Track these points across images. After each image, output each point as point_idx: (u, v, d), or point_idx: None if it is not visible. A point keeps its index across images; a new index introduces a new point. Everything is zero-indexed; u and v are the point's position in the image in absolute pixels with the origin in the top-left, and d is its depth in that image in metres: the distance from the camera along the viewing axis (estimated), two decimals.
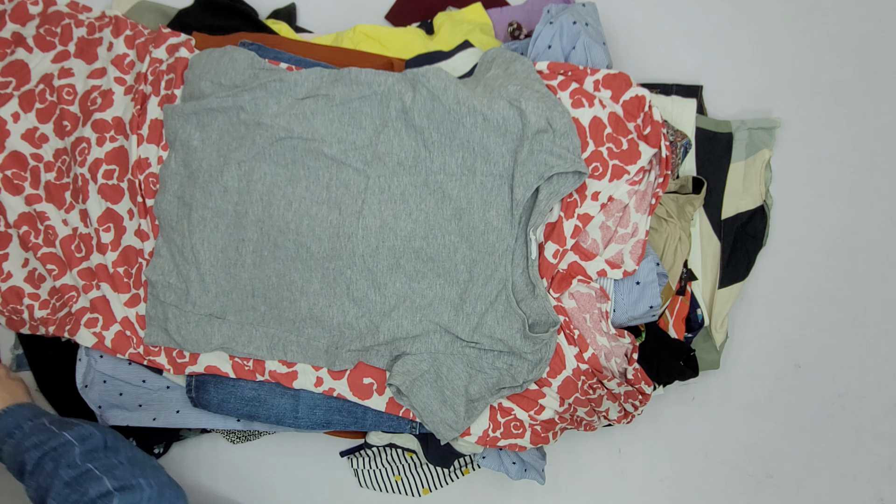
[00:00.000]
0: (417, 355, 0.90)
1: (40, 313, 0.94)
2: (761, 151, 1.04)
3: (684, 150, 1.01)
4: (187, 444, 1.07)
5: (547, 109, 0.86)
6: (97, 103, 0.95)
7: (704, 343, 1.03)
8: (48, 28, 0.98)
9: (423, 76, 0.88)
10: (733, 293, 1.03)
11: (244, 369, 0.92)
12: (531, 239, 0.88)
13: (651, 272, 0.89)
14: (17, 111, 0.95)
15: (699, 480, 1.08)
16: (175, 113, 0.93)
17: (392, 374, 0.89)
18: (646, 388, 0.90)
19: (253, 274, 0.91)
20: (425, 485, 1.05)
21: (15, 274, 0.95)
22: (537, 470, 0.96)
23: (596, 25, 0.98)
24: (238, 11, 1.06)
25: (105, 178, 0.93)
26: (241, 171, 0.91)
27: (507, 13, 1.09)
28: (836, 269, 1.09)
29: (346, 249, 0.89)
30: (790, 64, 1.11)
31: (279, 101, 0.91)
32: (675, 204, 0.96)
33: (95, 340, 0.92)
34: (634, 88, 0.90)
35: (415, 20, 1.10)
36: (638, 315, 0.90)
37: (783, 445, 1.08)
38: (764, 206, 1.04)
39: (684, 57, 1.11)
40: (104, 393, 0.95)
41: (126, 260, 0.93)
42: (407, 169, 0.90)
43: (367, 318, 0.90)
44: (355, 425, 0.94)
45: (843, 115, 1.10)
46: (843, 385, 1.08)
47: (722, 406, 1.09)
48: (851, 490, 1.08)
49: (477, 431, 0.91)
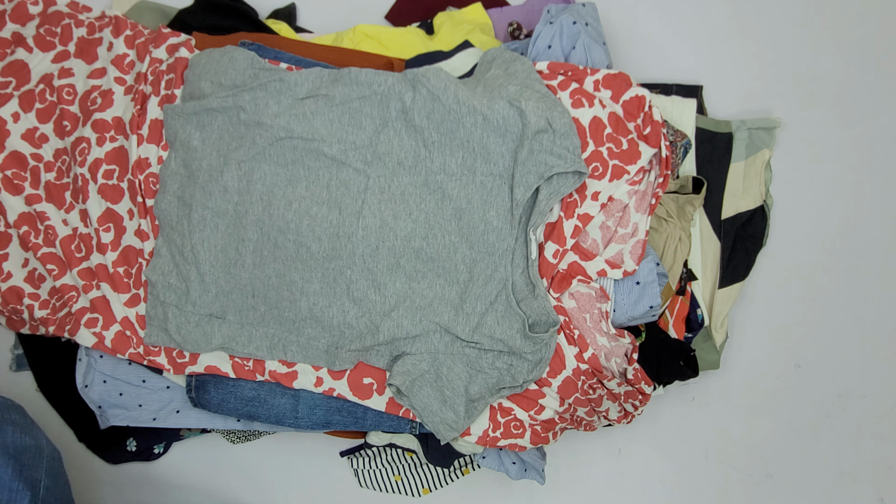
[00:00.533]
0: (417, 355, 0.90)
1: (40, 313, 0.94)
2: (761, 151, 1.04)
3: (684, 150, 1.01)
4: (187, 444, 1.07)
5: (547, 109, 0.86)
6: (97, 103, 0.95)
7: (704, 343, 1.03)
8: (48, 28, 0.98)
9: (423, 76, 0.88)
10: (733, 293, 1.03)
11: (244, 369, 0.92)
12: (531, 239, 0.88)
13: (651, 272, 0.89)
14: (17, 111, 0.95)
15: (699, 480, 1.09)
16: (175, 113, 0.93)
17: (392, 374, 0.89)
18: (646, 388, 0.90)
19: (253, 274, 0.91)
20: (425, 485, 1.05)
21: (15, 274, 0.95)
22: (537, 470, 0.96)
23: (596, 25, 0.98)
24: (238, 11, 1.06)
25: (105, 178, 0.93)
26: (241, 171, 0.91)
27: (507, 13, 1.09)
28: (836, 269, 1.09)
29: (346, 249, 0.89)
30: (790, 64, 1.11)
31: (279, 101, 0.92)
32: (675, 204, 0.96)
33: (95, 340, 0.92)
34: (634, 88, 0.90)
35: (415, 20, 1.10)
36: (638, 315, 0.90)
37: (783, 445, 1.08)
38: (764, 206, 1.04)
39: (684, 57, 1.11)
40: (104, 393, 0.95)
41: (126, 260, 0.93)
42: (407, 169, 0.90)
43: (367, 318, 0.90)
44: (355, 425, 0.94)
45: (843, 115, 1.10)
46: (843, 385, 1.08)
47: (722, 406, 1.09)
48: (851, 490, 1.08)
49: (477, 431, 0.91)
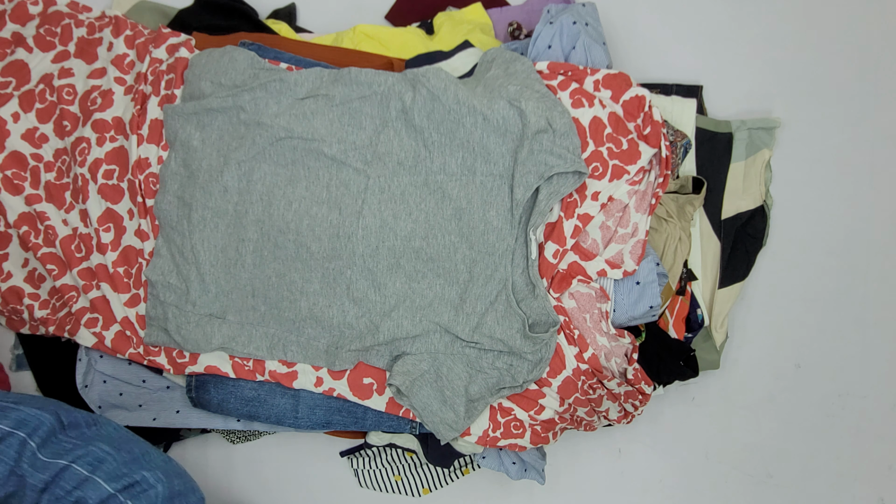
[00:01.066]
0: (417, 355, 0.90)
1: (40, 313, 0.94)
2: (761, 151, 1.04)
3: (684, 150, 1.01)
4: (187, 444, 1.07)
5: (547, 109, 0.86)
6: (97, 103, 0.95)
7: (704, 343, 1.03)
8: (48, 28, 0.98)
9: (423, 76, 0.88)
10: (733, 293, 1.03)
11: (244, 369, 0.92)
12: (531, 239, 0.88)
13: (651, 272, 0.89)
14: (17, 111, 0.95)
15: (699, 480, 1.09)
16: (175, 113, 0.93)
17: (392, 374, 0.89)
18: (646, 388, 0.90)
19: (253, 274, 0.91)
20: (425, 485, 1.05)
21: (15, 274, 0.95)
22: (537, 470, 0.95)
23: (596, 25, 0.98)
24: (238, 11, 1.06)
25: (105, 178, 0.93)
26: (241, 171, 0.91)
27: (507, 13, 1.09)
28: (836, 269, 1.09)
29: (346, 249, 0.89)
30: (790, 64, 1.11)
31: (279, 101, 0.92)
32: (675, 204, 0.96)
33: (95, 340, 0.92)
34: (634, 88, 0.90)
35: (415, 20, 1.10)
36: (638, 315, 0.90)
37: (783, 445, 1.08)
38: (764, 206, 1.04)
39: (684, 57, 1.11)
40: (104, 393, 0.95)
41: (126, 260, 0.93)
42: (407, 169, 0.90)
43: (367, 318, 0.90)
44: (355, 425, 0.94)
45: (843, 115, 1.10)
46: (843, 385, 1.08)
47: (722, 406, 1.09)
48: (851, 490, 1.08)
49: (477, 431, 0.91)
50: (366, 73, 0.90)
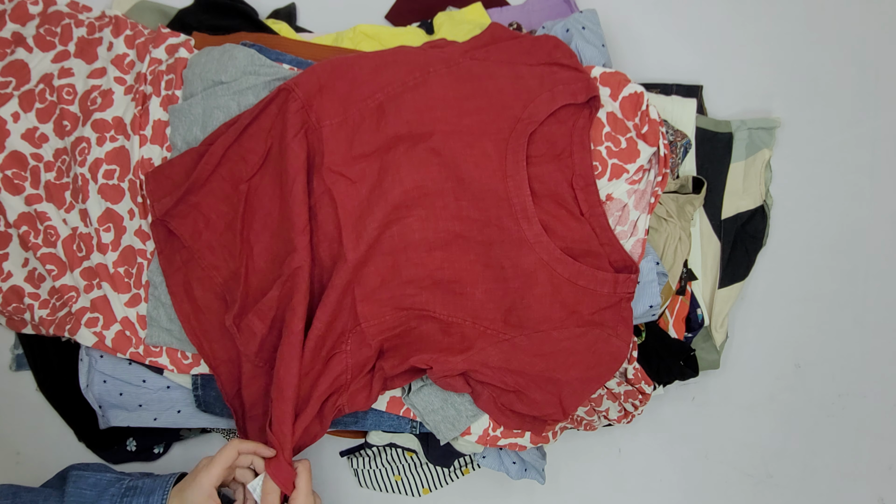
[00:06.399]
0: None
1: (40, 313, 0.94)
2: (761, 151, 1.04)
3: (684, 149, 1.01)
4: (187, 444, 1.07)
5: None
6: (97, 103, 0.95)
7: (704, 343, 1.03)
8: (48, 28, 0.98)
9: None
10: (733, 293, 1.03)
11: None
12: None
13: (651, 272, 0.89)
14: (17, 111, 0.95)
15: (699, 480, 1.09)
16: (179, 113, 0.93)
17: None
18: (646, 388, 0.90)
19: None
20: (425, 485, 1.05)
21: (15, 274, 0.95)
22: (537, 470, 0.95)
23: (595, 29, 0.98)
24: (238, 11, 1.06)
25: (105, 177, 0.93)
26: None
27: (507, 13, 1.09)
28: (836, 269, 1.09)
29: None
30: (790, 64, 1.11)
31: None
32: (675, 204, 0.96)
33: (96, 339, 0.92)
34: (632, 85, 0.90)
35: (415, 20, 1.10)
36: (638, 314, 0.90)
37: (783, 445, 1.08)
38: (764, 206, 1.04)
39: (684, 57, 1.11)
40: (104, 393, 0.95)
41: (126, 260, 0.93)
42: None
43: None
44: (355, 425, 0.94)
45: (843, 115, 1.10)
46: (843, 385, 1.08)
47: (722, 406, 1.09)
48: (851, 490, 1.08)
49: (477, 431, 0.91)
50: None
